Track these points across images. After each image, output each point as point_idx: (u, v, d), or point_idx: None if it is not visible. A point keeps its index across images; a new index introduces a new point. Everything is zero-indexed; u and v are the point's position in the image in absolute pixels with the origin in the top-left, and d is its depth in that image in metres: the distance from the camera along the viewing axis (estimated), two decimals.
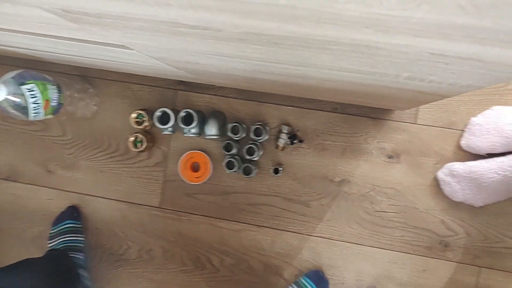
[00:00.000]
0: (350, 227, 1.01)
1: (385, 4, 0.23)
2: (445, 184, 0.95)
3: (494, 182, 0.87)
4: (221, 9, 0.30)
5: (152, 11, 0.33)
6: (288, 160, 1.03)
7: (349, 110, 1.00)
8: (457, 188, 0.93)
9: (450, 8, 0.22)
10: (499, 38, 0.27)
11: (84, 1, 0.33)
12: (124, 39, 0.49)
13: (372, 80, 0.53)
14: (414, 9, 0.24)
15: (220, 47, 0.44)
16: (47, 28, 0.51)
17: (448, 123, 0.97)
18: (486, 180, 0.88)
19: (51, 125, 1.11)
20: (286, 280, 1.04)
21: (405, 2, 0.23)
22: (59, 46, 0.68)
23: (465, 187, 0.92)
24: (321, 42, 0.35)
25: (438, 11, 0.23)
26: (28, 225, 1.14)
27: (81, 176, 1.11)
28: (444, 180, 0.95)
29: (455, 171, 0.93)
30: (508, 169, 0.84)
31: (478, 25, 0.25)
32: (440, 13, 0.24)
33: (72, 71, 1.09)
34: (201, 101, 1.05)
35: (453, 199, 0.96)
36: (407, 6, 0.23)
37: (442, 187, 0.96)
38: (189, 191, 1.07)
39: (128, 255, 1.10)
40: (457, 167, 0.93)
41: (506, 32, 0.25)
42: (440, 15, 0.24)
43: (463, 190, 0.93)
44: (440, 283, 0.99)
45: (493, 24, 0.24)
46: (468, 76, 0.41)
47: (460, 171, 0.92)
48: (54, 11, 0.39)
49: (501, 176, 0.85)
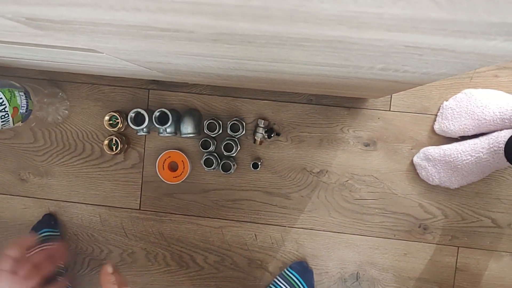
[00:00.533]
0: (331, 216, 1.02)
1: (360, 2, 0.23)
2: (421, 168, 0.97)
3: (468, 164, 0.89)
4: (191, 12, 0.29)
5: (120, 16, 0.32)
6: (266, 154, 1.03)
7: (324, 101, 1.01)
8: (433, 171, 0.95)
9: (424, 3, 0.22)
10: (471, 30, 0.27)
11: (48, 9, 0.32)
12: (92, 43, 0.48)
13: (346, 73, 0.53)
14: (389, 6, 0.23)
15: (193, 47, 0.44)
16: (10, 35, 0.49)
17: (421, 108, 0.99)
18: (460, 163, 0.90)
19: (21, 133, 1.08)
20: (271, 273, 1.05)
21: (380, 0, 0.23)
22: (24, 52, 0.66)
23: (440, 170, 0.94)
24: (294, 40, 0.35)
25: (413, 6, 0.23)
26: (3, 236, 1.11)
27: (56, 182, 1.08)
28: (420, 165, 0.97)
29: (430, 155, 0.94)
30: (481, 151, 0.86)
31: (452, 18, 0.25)
32: (414, 9, 0.24)
33: (39, 75, 1.06)
34: (175, 100, 1.04)
35: (429, 183, 0.98)
36: (382, 4, 0.23)
37: (418, 171, 0.98)
38: (168, 191, 1.06)
39: (110, 259, 1.08)
40: (431, 151, 0.94)
41: (478, 24, 0.26)
42: (414, 10, 0.24)
43: (438, 173, 0.95)
44: (422, 265, 1.01)
45: (466, 17, 0.24)
46: (441, 65, 0.41)
47: (435, 155, 0.93)
48: (17, 20, 0.37)
49: (474, 158, 0.87)
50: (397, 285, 1.02)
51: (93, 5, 0.30)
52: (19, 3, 0.31)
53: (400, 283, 1.02)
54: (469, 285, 1.00)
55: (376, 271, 1.02)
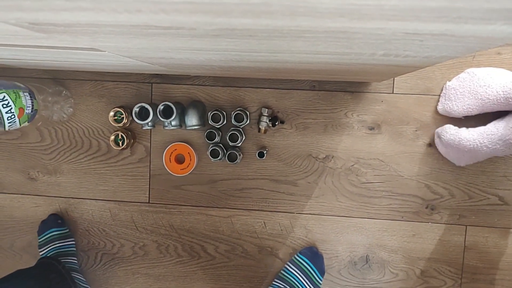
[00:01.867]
0: (338, 201, 1.03)
1: None
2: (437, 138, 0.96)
3: (483, 153, 0.89)
4: (193, 11, 0.30)
5: (122, 17, 0.32)
6: (271, 142, 1.03)
7: (327, 87, 1.01)
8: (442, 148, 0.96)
9: None
10: (471, 16, 0.27)
11: (51, 14, 0.32)
12: (94, 43, 0.48)
13: (348, 60, 0.53)
14: None
15: (195, 43, 0.44)
16: (12, 38, 0.50)
17: (424, 89, 0.99)
18: (475, 150, 0.89)
19: (28, 132, 1.09)
20: (281, 260, 1.06)
21: None
22: (26, 53, 0.66)
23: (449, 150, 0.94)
24: (295, 32, 0.35)
25: None
26: (17, 235, 1.12)
27: (65, 180, 1.09)
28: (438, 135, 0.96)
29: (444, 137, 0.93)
30: (498, 143, 0.84)
31: (451, 6, 0.25)
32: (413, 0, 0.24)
33: (42, 74, 1.06)
34: (178, 92, 1.04)
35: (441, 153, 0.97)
36: None
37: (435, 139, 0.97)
38: (176, 184, 1.07)
39: (122, 253, 1.10)
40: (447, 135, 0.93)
41: (477, 10, 0.26)
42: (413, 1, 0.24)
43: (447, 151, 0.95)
44: (430, 245, 1.02)
45: (465, 5, 0.25)
46: (442, 49, 0.41)
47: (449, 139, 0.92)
48: (20, 25, 0.38)
49: (491, 149, 0.86)
50: (407, 266, 1.03)
51: (96, 9, 0.30)
52: (23, 9, 0.32)
53: (410, 264, 1.03)
54: (478, 263, 1.01)
55: (386, 253, 1.03)
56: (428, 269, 1.02)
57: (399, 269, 1.03)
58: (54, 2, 0.28)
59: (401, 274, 1.03)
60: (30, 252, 1.12)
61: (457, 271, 1.02)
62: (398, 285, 1.03)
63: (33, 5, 0.30)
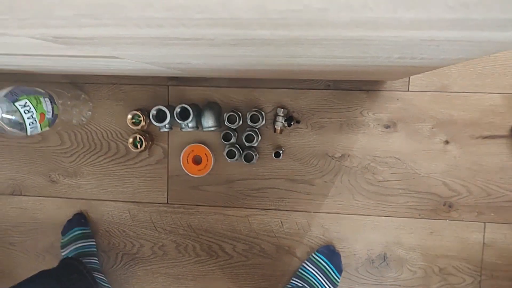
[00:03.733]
0: (355, 199, 1.03)
1: (376, 9, 0.24)
2: None
3: None
4: (212, 25, 0.30)
5: (143, 31, 0.33)
6: (287, 142, 1.04)
7: (342, 86, 1.01)
8: None
9: (439, 9, 0.23)
10: (487, 24, 0.27)
11: (75, 29, 0.34)
12: (115, 52, 0.49)
13: (364, 62, 0.53)
14: (404, 11, 0.24)
15: (213, 51, 0.45)
16: (36, 49, 0.51)
17: (440, 86, 0.98)
18: None
19: (49, 136, 1.11)
20: (299, 258, 1.07)
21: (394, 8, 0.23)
22: (48, 61, 0.68)
23: None
24: (312, 40, 0.36)
25: (427, 11, 0.24)
26: (40, 237, 1.15)
27: (85, 182, 1.12)
28: None
29: None
30: None
31: (467, 18, 0.25)
32: (429, 13, 0.24)
33: (61, 79, 1.09)
34: (194, 94, 1.05)
35: None
36: (397, 9, 0.24)
37: None
38: (193, 184, 1.08)
39: (142, 253, 1.12)
40: None
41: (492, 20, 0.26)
42: (429, 13, 0.24)
43: None
44: (448, 243, 1.02)
45: (480, 16, 0.25)
46: (459, 52, 0.42)
47: None
48: (44, 39, 0.39)
49: None
50: (425, 264, 1.03)
51: (118, 25, 0.31)
52: (48, 26, 0.33)
53: (428, 262, 1.02)
54: (497, 260, 1.01)
55: (403, 251, 1.03)
56: (447, 266, 1.02)
57: (417, 267, 1.03)
58: (80, 20, 0.30)
59: (419, 272, 1.03)
60: (52, 253, 1.15)
61: (476, 268, 1.01)
62: (417, 282, 1.03)
63: (59, 23, 0.31)
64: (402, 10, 0.24)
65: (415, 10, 0.24)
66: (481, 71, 0.97)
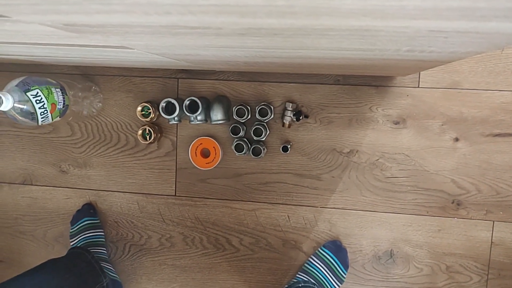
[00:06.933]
0: (362, 195, 1.03)
1: None
2: None
3: None
4: (219, 12, 0.31)
5: (152, 19, 0.34)
6: (295, 136, 1.04)
7: (352, 81, 1.00)
8: None
9: None
10: (495, 14, 0.27)
11: (85, 16, 0.34)
12: (125, 41, 0.50)
13: (372, 55, 0.53)
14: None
15: (221, 41, 0.45)
16: (47, 38, 0.52)
17: (451, 83, 0.97)
18: None
19: (59, 126, 1.12)
20: (305, 253, 1.07)
21: None
22: (59, 51, 0.69)
23: None
24: (320, 30, 0.36)
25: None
26: (49, 226, 1.17)
27: (95, 172, 1.13)
28: None
29: None
30: None
31: (474, 6, 0.25)
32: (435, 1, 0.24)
33: (72, 70, 1.10)
34: (204, 87, 1.06)
35: None
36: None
37: None
38: (201, 177, 1.09)
39: (150, 244, 1.13)
40: None
41: (500, 9, 0.26)
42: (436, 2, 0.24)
43: None
44: (456, 241, 1.01)
45: (487, 5, 0.25)
46: (468, 45, 0.41)
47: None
48: (56, 26, 0.40)
49: None
50: (432, 261, 1.02)
51: (128, 11, 0.31)
52: (59, 12, 0.34)
53: (435, 259, 1.02)
54: (505, 259, 1.00)
55: (410, 248, 1.03)
56: (454, 264, 1.01)
57: (424, 264, 1.03)
58: (90, 6, 0.30)
59: (426, 269, 1.03)
60: (61, 242, 1.17)
61: (484, 267, 1.01)
62: (423, 280, 1.03)
63: (69, 8, 0.32)
64: None
65: None
66: (493, 68, 0.96)
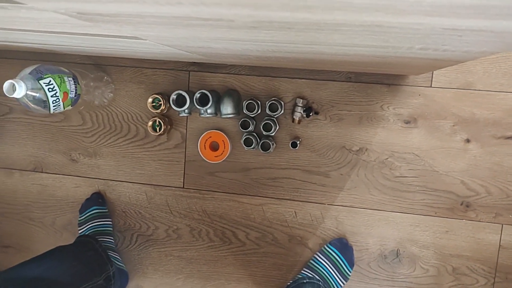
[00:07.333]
0: (370, 194, 1.03)
1: None
2: None
3: None
4: (232, 4, 0.31)
5: (164, 9, 0.34)
6: (305, 132, 1.03)
7: (363, 78, 1.00)
8: None
9: None
10: (509, 13, 0.27)
11: (98, 4, 0.34)
12: (137, 32, 0.50)
13: (385, 52, 0.53)
14: None
15: (233, 33, 0.45)
16: (61, 26, 0.52)
17: (464, 83, 0.96)
18: None
19: (71, 115, 1.13)
20: (311, 249, 1.07)
21: None
22: (72, 40, 0.69)
23: None
24: (332, 25, 0.36)
25: None
26: (58, 213, 1.18)
27: (104, 162, 1.14)
28: None
29: None
30: None
31: (487, 4, 0.25)
32: None
33: (85, 60, 1.10)
34: (215, 81, 1.06)
35: None
36: None
37: None
38: (210, 170, 1.09)
39: (157, 235, 1.14)
40: None
41: None
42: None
43: None
44: (464, 243, 1.00)
45: (501, 2, 0.24)
46: (482, 44, 0.41)
47: None
48: (69, 14, 0.40)
49: None
50: (438, 262, 1.02)
51: (140, 1, 0.32)
52: (73, 0, 0.34)
53: (441, 260, 1.01)
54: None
55: (417, 248, 1.02)
56: (460, 266, 1.01)
57: (430, 265, 1.02)
58: None
59: (432, 270, 1.02)
60: (70, 230, 1.18)
61: (491, 270, 1.00)
62: (429, 280, 1.02)
63: None
64: None
65: None
66: (508, 70, 0.95)
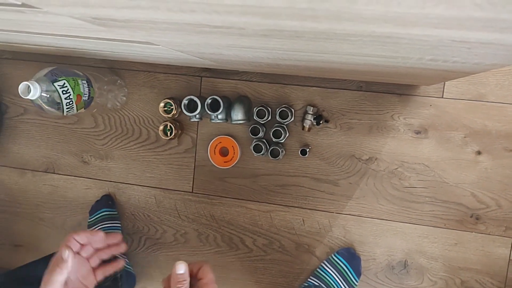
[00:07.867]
0: (379, 203, 1.02)
1: (403, 4, 0.24)
2: None
3: None
4: (243, 12, 0.31)
5: (177, 16, 0.35)
6: (314, 140, 1.04)
7: (374, 88, 1.00)
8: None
9: (466, 6, 0.23)
10: None
11: (112, 10, 0.35)
12: (150, 37, 0.51)
13: (395, 63, 0.53)
14: (432, 7, 0.24)
15: (244, 41, 0.46)
16: (76, 31, 0.53)
17: (476, 95, 0.96)
18: None
19: (84, 118, 1.15)
20: (318, 258, 1.06)
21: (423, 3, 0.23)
22: (87, 44, 0.71)
23: None
24: (342, 35, 0.36)
25: (455, 8, 0.24)
26: (68, 214, 1.19)
27: (115, 165, 1.15)
28: None
29: None
30: None
31: (496, 17, 0.25)
32: (457, 9, 0.24)
33: (99, 63, 1.12)
34: (226, 87, 1.06)
35: None
36: (425, 5, 0.24)
37: None
38: (219, 175, 1.09)
39: (165, 239, 1.14)
40: None
41: None
42: (458, 11, 0.24)
43: None
44: (473, 256, 0.99)
45: (510, 17, 0.25)
46: (492, 56, 0.41)
47: None
48: (84, 19, 0.41)
49: None
50: (447, 275, 1.01)
51: (153, 8, 0.32)
52: (87, 6, 0.35)
53: (450, 273, 1.00)
54: None
55: (425, 260, 1.01)
56: (469, 279, 1.00)
57: (438, 277, 1.01)
58: (117, 0, 0.31)
59: (440, 282, 1.01)
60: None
61: (500, 284, 0.99)
62: None
63: (98, 2, 0.33)
64: (430, 6, 0.24)
65: (443, 6, 0.24)
66: None
